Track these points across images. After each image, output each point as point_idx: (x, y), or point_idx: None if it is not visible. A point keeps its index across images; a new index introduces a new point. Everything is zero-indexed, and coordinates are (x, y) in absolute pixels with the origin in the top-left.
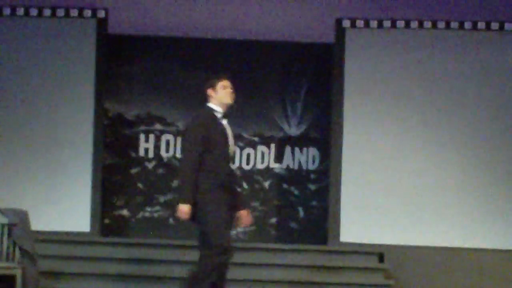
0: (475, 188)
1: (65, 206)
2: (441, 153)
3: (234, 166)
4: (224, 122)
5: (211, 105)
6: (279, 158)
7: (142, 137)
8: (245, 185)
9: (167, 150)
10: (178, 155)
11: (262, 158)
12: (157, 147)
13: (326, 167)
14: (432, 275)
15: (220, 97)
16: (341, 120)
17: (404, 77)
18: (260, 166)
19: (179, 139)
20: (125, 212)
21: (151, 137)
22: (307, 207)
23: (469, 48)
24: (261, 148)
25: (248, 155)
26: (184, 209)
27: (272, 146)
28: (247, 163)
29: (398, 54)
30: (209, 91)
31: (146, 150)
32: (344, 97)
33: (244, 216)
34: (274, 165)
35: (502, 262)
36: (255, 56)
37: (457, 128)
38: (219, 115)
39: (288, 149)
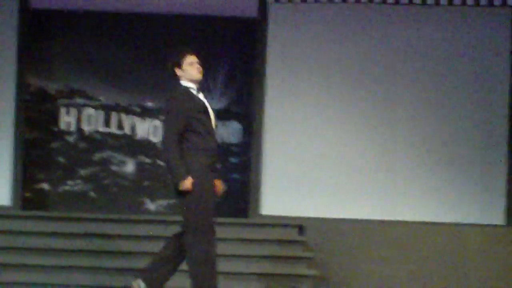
0: (395, 161)
1: None
2: (362, 127)
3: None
4: (201, 96)
5: (183, 83)
6: None
7: (63, 111)
8: None
9: (89, 124)
10: (100, 129)
11: None
12: (78, 121)
13: (248, 141)
14: (351, 247)
15: (189, 74)
16: (263, 94)
17: (328, 51)
18: None
19: (100, 113)
20: (46, 185)
21: (73, 111)
22: (228, 181)
23: (397, 22)
24: None
25: None
26: (185, 185)
27: None
28: None
29: (322, 29)
30: (176, 71)
31: (68, 124)
32: (266, 71)
33: (219, 186)
34: None
35: (420, 234)
36: (177, 30)
37: (379, 102)
38: (195, 92)
39: None
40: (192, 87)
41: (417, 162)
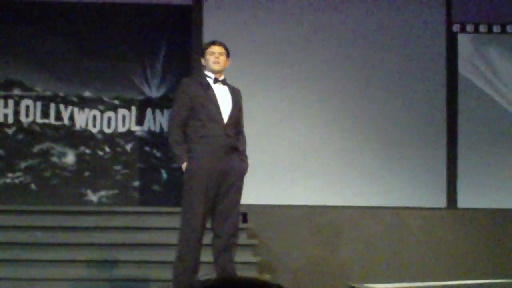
0: (336, 146)
1: None
2: (303, 112)
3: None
4: (218, 87)
5: (205, 71)
6: (140, 121)
7: (1, 102)
8: (107, 149)
9: (27, 115)
10: (39, 120)
11: (123, 121)
12: (16, 113)
13: None
14: (295, 233)
15: (207, 64)
16: None
17: (264, 35)
18: (121, 129)
19: (38, 104)
20: None
21: (10, 102)
22: (169, 170)
23: (336, 6)
24: (122, 111)
25: (109, 119)
26: (184, 169)
27: (133, 108)
28: (108, 127)
29: (257, 15)
30: (202, 61)
31: (5, 115)
32: None
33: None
34: (136, 128)
35: (361, 219)
36: (114, 19)
37: (318, 87)
38: (210, 81)
39: (149, 112)
40: (210, 76)
41: (357, 147)
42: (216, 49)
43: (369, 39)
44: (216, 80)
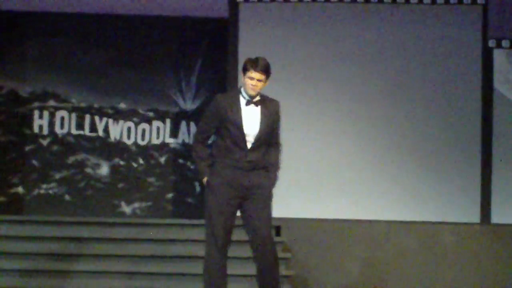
0: (369, 160)
1: None
2: (336, 127)
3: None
4: (249, 109)
5: (241, 89)
6: (174, 133)
7: (36, 114)
8: (141, 161)
9: (62, 127)
10: (73, 131)
11: (158, 133)
12: (51, 124)
13: None
14: (328, 247)
15: (244, 84)
16: None
17: (299, 50)
18: (155, 141)
19: (73, 116)
20: (20, 189)
21: (46, 113)
22: (203, 182)
23: (368, 21)
24: (156, 123)
25: (144, 131)
26: (204, 183)
27: (168, 121)
28: (143, 139)
29: (292, 28)
30: (241, 75)
31: (41, 127)
32: (238, 71)
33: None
34: (170, 140)
35: (394, 233)
36: (149, 31)
37: (352, 102)
38: (243, 102)
39: (183, 124)
40: (244, 95)
41: (391, 161)
42: (255, 75)
43: (404, 54)
44: (249, 102)
